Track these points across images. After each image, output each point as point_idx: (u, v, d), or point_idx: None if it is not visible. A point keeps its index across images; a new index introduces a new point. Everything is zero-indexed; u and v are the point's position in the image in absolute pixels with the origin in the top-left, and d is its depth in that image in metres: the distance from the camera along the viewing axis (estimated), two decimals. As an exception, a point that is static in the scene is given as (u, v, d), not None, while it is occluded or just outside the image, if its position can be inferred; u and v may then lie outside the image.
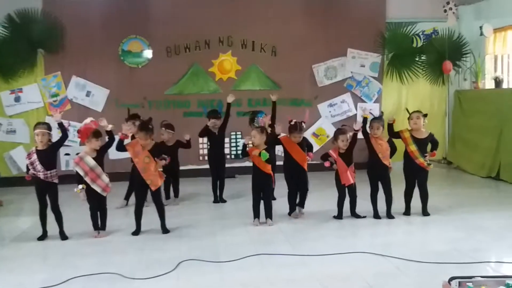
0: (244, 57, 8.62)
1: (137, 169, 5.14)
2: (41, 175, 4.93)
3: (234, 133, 8.54)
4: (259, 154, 5.25)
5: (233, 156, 8.64)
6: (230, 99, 6.59)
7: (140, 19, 8.28)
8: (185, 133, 6.49)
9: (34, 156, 4.95)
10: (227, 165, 6.94)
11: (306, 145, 5.70)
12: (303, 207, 5.72)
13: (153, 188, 5.14)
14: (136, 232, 5.19)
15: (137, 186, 5.25)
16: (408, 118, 5.56)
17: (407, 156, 5.55)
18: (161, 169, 5.25)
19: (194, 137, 7.65)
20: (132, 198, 6.47)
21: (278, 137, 5.68)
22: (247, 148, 5.37)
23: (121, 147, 5.16)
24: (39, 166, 4.92)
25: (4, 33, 7.96)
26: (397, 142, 5.61)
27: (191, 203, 6.71)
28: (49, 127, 5.05)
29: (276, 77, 8.69)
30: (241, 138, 8.61)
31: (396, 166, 5.63)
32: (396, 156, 5.64)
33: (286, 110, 7.82)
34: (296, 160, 5.54)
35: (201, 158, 8.49)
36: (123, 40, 8.28)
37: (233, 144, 8.69)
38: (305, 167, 5.59)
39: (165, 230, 5.23)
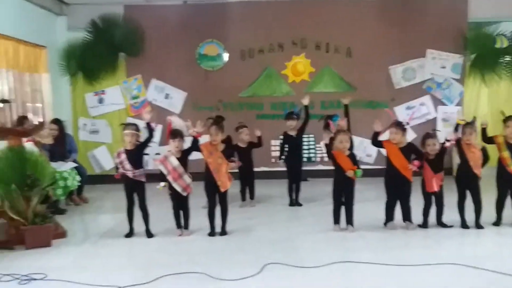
0: (318, 59, 8.57)
1: (209, 169, 5.19)
2: (130, 174, 5.12)
3: (306, 136, 8.45)
4: (354, 172, 5.09)
5: (305, 159, 8.57)
6: (306, 101, 6.55)
7: (216, 24, 8.46)
8: (255, 130, 6.41)
9: (123, 156, 5.14)
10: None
11: (413, 152, 5.19)
12: (411, 221, 5.27)
13: (222, 190, 5.19)
14: (212, 233, 5.24)
15: (207, 187, 5.28)
16: (504, 124, 5.25)
17: (499, 163, 5.26)
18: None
19: (267, 139, 7.70)
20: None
21: (378, 135, 5.20)
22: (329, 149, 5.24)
23: (195, 146, 5.22)
24: (128, 165, 5.11)
25: (88, 37, 8.37)
26: (491, 148, 5.31)
27: (267, 205, 6.73)
28: (137, 128, 5.23)
29: (351, 78, 8.56)
30: (314, 141, 8.56)
31: (488, 172, 5.33)
32: (490, 162, 5.34)
33: (361, 112, 7.70)
34: (396, 167, 5.15)
35: (273, 160, 8.49)
36: (200, 44, 8.47)
37: (306, 147, 8.63)
38: (409, 176, 5.14)
39: (223, 232, 5.27)
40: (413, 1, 8.47)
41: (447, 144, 5.15)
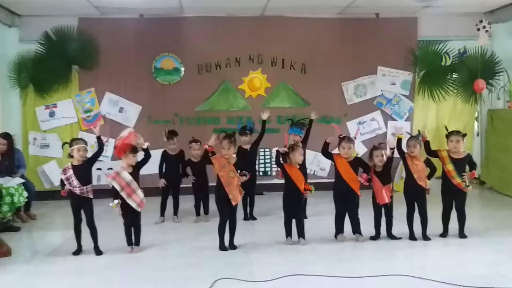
0: (274, 74, 8.66)
1: (220, 183, 5.10)
2: (77, 190, 4.99)
3: (262, 149, 8.52)
4: (310, 191, 5.27)
5: (261, 173, 8.62)
6: (265, 116, 6.58)
7: (172, 37, 8.41)
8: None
9: (70, 172, 5.01)
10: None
11: (361, 165, 5.36)
12: (360, 233, 5.39)
13: (233, 203, 5.12)
14: (223, 247, 5.15)
15: (219, 201, 5.18)
16: (447, 139, 5.46)
17: (444, 176, 5.45)
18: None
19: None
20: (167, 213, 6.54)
21: (328, 146, 5.38)
22: (281, 160, 5.28)
23: (207, 159, 5.18)
24: (75, 182, 4.97)
25: (40, 49, 8.17)
26: (436, 161, 5.51)
27: (221, 220, 6.69)
28: (85, 143, 5.12)
29: (306, 94, 8.69)
30: (270, 154, 8.60)
31: (434, 185, 5.51)
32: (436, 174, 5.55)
33: (315, 127, 7.71)
34: (345, 180, 5.29)
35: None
36: (156, 57, 8.41)
37: (262, 161, 8.68)
38: (356, 190, 5.28)
39: (233, 246, 5.22)
40: (366, 20, 8.72)
41: (389, 153, 5.30)
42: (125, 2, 7.52)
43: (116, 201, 5.00)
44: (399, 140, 5.45)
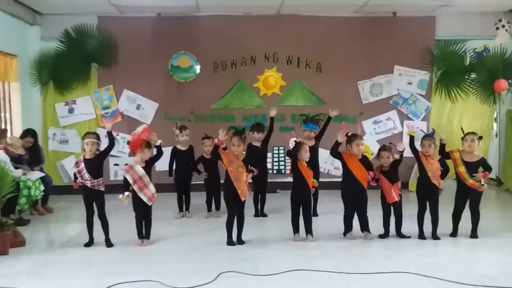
0: (289, 73, 8.68)
1: (229, 178, 5.16)
2: (88, 184, 5.11)
3: (276, 147, 8.56)
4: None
5: (275, 171, 8.65)
6: (272, 113, 6.60)
7: (189, 36, 8.53)
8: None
9: (82, 165, 5.13)
10: (268, 180, 6.90)
11: (366, 165, 5.34)
12: (369, 231, 5.39)
13: (242, 199, 5.18)
14: (230, 242, 5.22)
15: (227, 196, 5.26)
16: (462, 139, 5.40)
17: (457, 177, 5.39)
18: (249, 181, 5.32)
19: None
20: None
21: (339, 146, 5.35)
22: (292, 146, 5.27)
23: (216, 154, 5.26)
24: (86, 175, 5.10)
25: (61, 47, 8.39)
26: (449, 162, 5.45)
27: (233, 216, 6.74)
28: (98, 137, 5.24)
29: (321, 93, 8.68)
30: (283, 153, 8.62)
31: (447, 184, 5.45)
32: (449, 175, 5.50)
33: (330, 126, 7.72)
34: (356, 177, 5.25)
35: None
36: (173, 55, 8.53)
37: (275, 159, 8.70)
38: (366, 186, 5.28)
39: (241, 241, 5.28)
40: (383, 18, 8.65)
41: (397, 156, 5.28)
42: (143, 1, 7.65)
43: (126, 193, 5.11)
44: (411, 139, 5.41)
